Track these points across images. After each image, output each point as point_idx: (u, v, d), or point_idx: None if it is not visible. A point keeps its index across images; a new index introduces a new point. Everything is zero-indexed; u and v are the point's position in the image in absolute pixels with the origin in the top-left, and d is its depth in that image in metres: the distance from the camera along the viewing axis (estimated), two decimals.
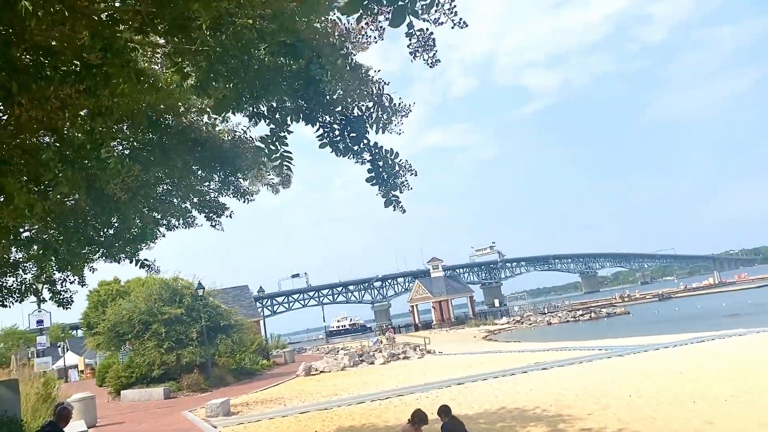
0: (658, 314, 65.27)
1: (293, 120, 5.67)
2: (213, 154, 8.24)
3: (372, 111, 5.93)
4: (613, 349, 23.59)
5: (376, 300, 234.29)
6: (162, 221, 10.48)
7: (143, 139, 7.38)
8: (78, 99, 4.16)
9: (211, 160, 8.41)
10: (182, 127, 7.56)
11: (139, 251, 10.60)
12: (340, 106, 5.75)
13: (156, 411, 23.39)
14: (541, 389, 15.66)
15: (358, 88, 5.50)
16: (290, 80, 5.30)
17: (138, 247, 10.54)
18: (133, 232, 10.37)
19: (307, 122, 5.69)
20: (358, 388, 22.50)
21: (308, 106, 5.54)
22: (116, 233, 9.94)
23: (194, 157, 8.20)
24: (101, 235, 9.51)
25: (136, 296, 35.19)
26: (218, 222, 10.91)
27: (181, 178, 8.61)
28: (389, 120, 5.95)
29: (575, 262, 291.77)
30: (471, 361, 27.96)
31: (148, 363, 30.90)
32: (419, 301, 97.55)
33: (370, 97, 5.88)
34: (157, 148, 7.43)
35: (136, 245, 10.46)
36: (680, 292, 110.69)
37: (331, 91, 5.54)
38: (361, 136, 5.73)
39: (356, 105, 5.82)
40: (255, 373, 37.27)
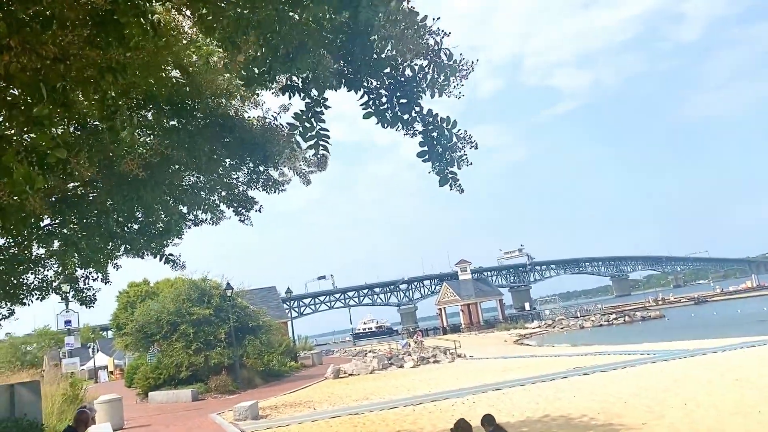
0: (696, 318, 63.44)
1: (334, 86, 4.99)
2: (242, 141, 7.64)
3: (427, 71, 5.14)
4: (656, 354, 22.54)
5: (402, 302, 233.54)
6: (189, 215, 9.94)
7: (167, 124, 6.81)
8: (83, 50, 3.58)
9: (239, 148, 7.80)
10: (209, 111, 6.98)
11: (164, 247, 10.09)
12: (388, 66, 5.00)
13: (184, 413, 22.99)
14: (585, 396, 14.79)
15: (412, 42, 4.75)
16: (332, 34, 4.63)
17: (163, 243, 10.03)
18: (158, 227, 9.85)
19: (350, 88, 5.00)
20: (389, 392, 21.82)
21: (352, 68, 4.87)
22: (140, 228, 9.42)
23: (222, 144, 7.62)
24: (125, 230, 9.00)
25: (164, 297, 35.02)
26: (247, 216, 10.34)
27: (208, 168, 8.01)
28: (447, 81, 5.21)
29: (606, 265, 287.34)
30: (505, 365, 27.09)
31: (176, 364, 30.60)
32: (447, 304, 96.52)
33: (425, 54, 5.03)
34: (182, 134, 6.87)
35: (162, 241, 9.95)
36: (716, 295, 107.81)
37: (379, 47, 4.82)
38: (413, 103, 5.00)
39: (408, 64, 5.07)
40: (283, 375, 36.82)
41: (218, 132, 7.34)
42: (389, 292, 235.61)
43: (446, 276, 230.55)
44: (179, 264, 9.89)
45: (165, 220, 9.88)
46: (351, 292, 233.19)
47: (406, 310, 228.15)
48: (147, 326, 31.94)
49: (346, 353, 61.73)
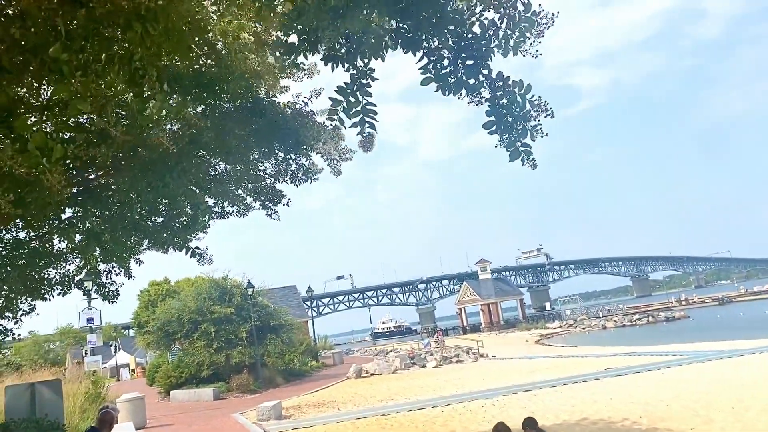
0: (722, 319, 62.09)
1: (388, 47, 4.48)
2: (273, 126, 7.22)
3: (498, 26, 4.43)
4: (690, 355, 21.80)
5: (421, 302, 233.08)
6: (215, 207, 9.55)
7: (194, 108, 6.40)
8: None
9: (270, 133, 7.37)
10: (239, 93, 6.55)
11: (189, 241, 9.72)
12: (453, 22, 4.46)
13: (206, 413, 22.72)
14: (622, 398, 14.20)
15: None
16: None
17: (188, 237, 9.65)
18: (183, 220, 9.48)
19: (408, 49, 4.45)
20: (414, 392, 21.35)
21: (410, 24, 4.34)
22: (165, 221, 9.05)
23: (252, 130, 7.20)
24: (148, 223, 8.63)
25: (185, 295, 34.86)
26: (274, 211, 9.93)
27: (236, 156, 7.58)
28: (522, 37, 4.51)
29: (626, 265, 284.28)
30: (531, 366, 26.48)
31: (198, 363, 30.40)
32: (467, 304, 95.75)
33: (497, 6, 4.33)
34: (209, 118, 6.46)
35: (186, 234, 9.57)
36: (741, 295, 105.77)
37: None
38: (480, 65, 4.38)
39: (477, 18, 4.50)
40: (304, 375, 36.52)
41: (248, 117, 6.92)
42: (408, 292, 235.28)
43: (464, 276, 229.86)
44: (206, 258, 9.52)
45: (190, 213, 9.51)
46: (369, 292, 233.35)
47: (424, 310, 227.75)
48: (168, 324, 31.77)
49: (366, 353, 61.36)
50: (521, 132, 4.25)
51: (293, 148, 7.76)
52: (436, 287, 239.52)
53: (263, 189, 9.45)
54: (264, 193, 9.49)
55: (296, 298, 60.31)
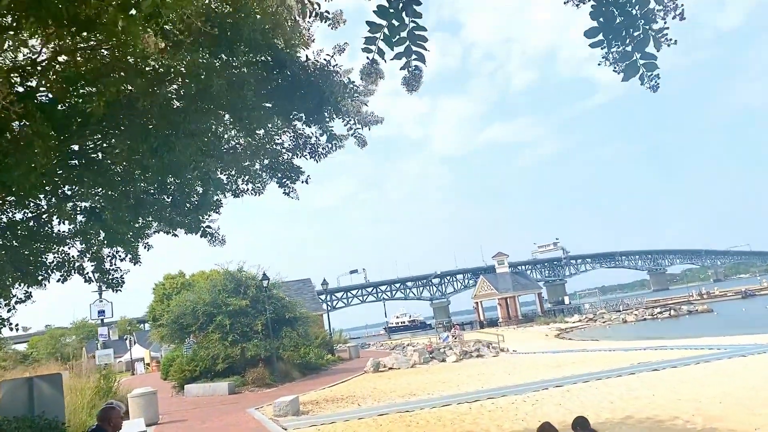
0: (748, 312, 60.51)
1: None
2: (293, 83, 6.30)
3: None
4: (728, 349, 20.70)
5: (435, 297, 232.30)
6: (228, 185, 8.66)
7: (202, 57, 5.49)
8: None
9: (289, 91, 6.44)
10: (255, 44, 5.64)
11: (200, 222, 8.87)
12: None
13: (220, 407, 21.99)
14: (665, 394, 13.20)
15: None
16: None
17: (200, 218, 8.80)
18: (193, 200, 8.63)
19: None
20: (436, 387, 20.45)
21: None
22: (173, 200, 8.19)
23: (269, 87, 6.29)
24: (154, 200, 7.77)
25: (200, 287, 34.21)
26: (292, 189, 9.03)
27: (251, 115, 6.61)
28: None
29: (643, 258, 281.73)
30: (557, 360, 25.48)
31: (212, 356, 29.71)
32: (484, 298, 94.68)
33: None
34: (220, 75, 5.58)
35: (198, 215, 8.72)
36: (764, 289, 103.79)
37: None
38: None
39: None
40: (320, 368, 35.79)
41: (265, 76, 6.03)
42: (422, 287, 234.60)
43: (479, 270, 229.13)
44: (218, 238, 8.65)
45: (200, 191, 8.65)
46: (383, 286, 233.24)
47: (438, 305, 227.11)
48: (183, 317, 31.11)
49: (382, 347, 60.49)
50: (641, 40, 3.22)
51: (315, 110, 6.80)
52: (451, 282, 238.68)
53: (280, 164, 8.57)
54: (281, 168, 8.61)
55: (311, 291, 59.74)
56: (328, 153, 8.39)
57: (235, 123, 6.84)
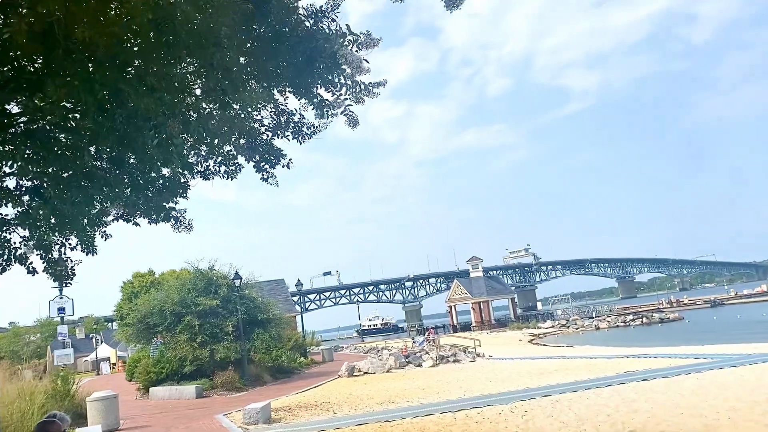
0: (719, 321, 60.81)
1: None
2: (279, 33, 5.25)
3: None
4: (718, 358, 20.08)
5: (407, 300, 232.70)
6: (197, 166, 7.56)
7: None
8: None
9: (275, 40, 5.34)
10: None
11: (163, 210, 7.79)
12: None
13: (187, 413, 20.76)
14: (665, 407, 12.38)
15: None
16: None
17: (163, 204, 7.72)
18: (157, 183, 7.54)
19: None
20: (415, 394, 19.50)
21: None
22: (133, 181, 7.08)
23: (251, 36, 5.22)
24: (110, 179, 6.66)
25: (168, 286, 32.80)
26: (271, 174, 7.99)
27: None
28: None
29: (612, 266, 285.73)
30: (538, 367, 24.72)
31: (180, 358, 28.40)
32: (458, 302, 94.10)
33: None
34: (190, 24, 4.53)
35: (162, 200, 7.63)
36: (731, 298, 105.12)
37: None
38: None
39: None
40: (293, 372, 34.65)
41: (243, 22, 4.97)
42: (394, 290, 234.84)
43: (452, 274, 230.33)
44: (184, 223, 7.59)
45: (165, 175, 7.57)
46: (356, 289, 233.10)
47: (411, 308, 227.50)
48: (149, 317, 29.71)
49: (356, 350, 59.46)
50: None
51: (303, 67, 5.71)
52: (423, 285, 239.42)
53: (258, 145, 7.51)
54: (259, 150, 7.56)
55: (284, 292, 58.44)
56: (314, 133, 7.37)
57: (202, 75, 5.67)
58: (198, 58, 4.75)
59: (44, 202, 6.91)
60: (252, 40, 5.24)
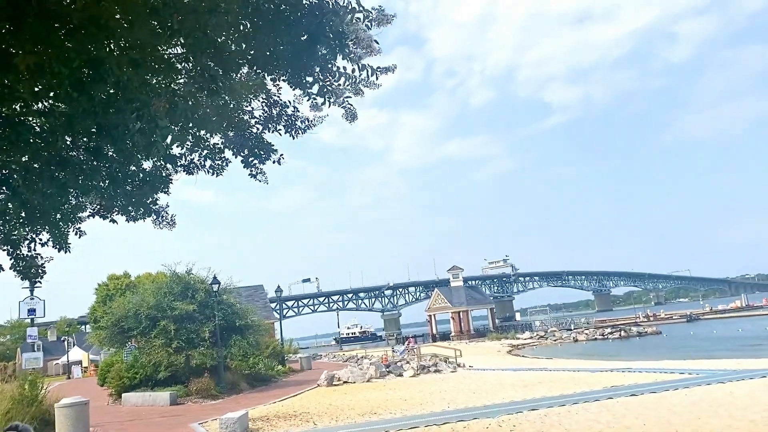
0: (696, 336, 61.11)
1: None
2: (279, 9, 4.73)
3: None
4: (702, 374, 19.88)
5: (387, 309, 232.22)
6: (180, 159, 7.03)
7: None
8: None
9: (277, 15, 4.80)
10: None
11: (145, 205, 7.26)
12: None
13: (160, 421, 20.05)
14: (659, 424, 12.03)
15: None
16: None
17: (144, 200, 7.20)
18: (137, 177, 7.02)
19: None
20: (398, 406, 18.99)
21: None
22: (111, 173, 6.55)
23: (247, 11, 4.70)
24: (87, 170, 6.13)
25: (144, 289, 31.99)
26: (260, 170, 7.50)
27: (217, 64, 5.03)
28: None
29: (589, 279, 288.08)
30: (522, 379, 24.35)
31: (154, 363, 27.61)
32: (437, 311, 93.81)
33: None
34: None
35: (142, 196, 7.11)
36: (707, 313, 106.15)
37: None
38: None
39: None
40: (270, 380, 33.90)
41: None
42: (374, 298, 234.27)
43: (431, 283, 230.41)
44: (166, 219, 7.08)
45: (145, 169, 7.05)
46: (335, 296, 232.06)
47: (389, 316, 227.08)
48: (124, 320, 28.90)
49: (335, 358, 58.74)
50: None
51: (304, 49, 5.18)
52: (403, 294, 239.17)
53: (248, 138, 7.02)
54: (248, 144, 7.07)
55: (263, 298, 57.70)
56: (308, 127, 6.90)
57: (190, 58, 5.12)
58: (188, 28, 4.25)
59: (12, 194, 6.36)
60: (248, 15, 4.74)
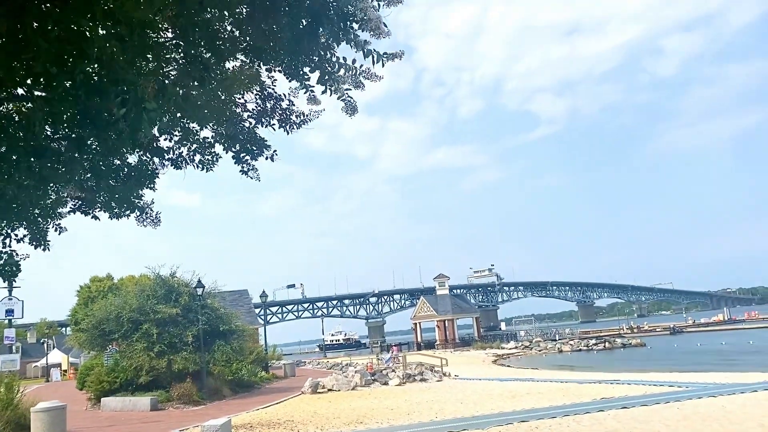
0: (682, 349, 61.20)
1: None
2: None
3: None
4: (693, 387, 19.67)
5: (371, 316, 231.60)
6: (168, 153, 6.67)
7: None
8: None
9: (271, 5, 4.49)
10: None
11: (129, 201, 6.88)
12: None
13: (140, 426, 19.52)
14: None
15: None
16: None
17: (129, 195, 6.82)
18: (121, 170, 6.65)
19: None
20: (384, 415, 18.60)
21: None
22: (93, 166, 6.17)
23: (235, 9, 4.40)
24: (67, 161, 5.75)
25: (127, 292, 31.37)
26: (252, 166, 7.15)
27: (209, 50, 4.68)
28: None
29: (573, 290, 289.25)
30: (509, 389, 24.04)
31: (136, 367, 26.99)
32: (423, 319, 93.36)
33: None
34: None
35: (126, 191, 6.73)
36: (690, 326, 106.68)
37: None
38: None
39: None
40: (253, 386, 33.40)
41: None
42: (358, 305, 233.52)
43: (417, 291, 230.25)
44: (150, 215, 6.70)
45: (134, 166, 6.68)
46: (320, 303, 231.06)
47: (374, 324, 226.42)
48: (105, 323, 28.26)
49: (319, 365, 58.11)
50: None
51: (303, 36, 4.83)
52: (387, 301, 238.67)
53: (240, 133, 6.67)
54: (240, 138, 6.72)
55: (247, 303, 56.99)
56: (303, 122, 6.57)
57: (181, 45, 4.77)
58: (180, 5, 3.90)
59: None
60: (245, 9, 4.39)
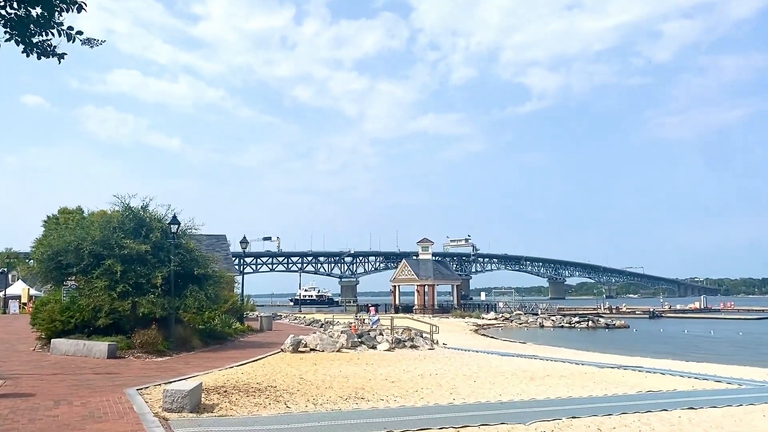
0: (667, 334, 59.36)
1: None
2: None
3: None
4: (752, 385, 16.84)
5: (345, 275, 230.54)
6: None
7: None
8: None
9: None
10: None
11: None
12: None
13: (90, 379, 16.19)
14: None
15: None
16: None
17: None
18: None
19: None
20: (386, 390, 15.45)
21: None
22: None
23: None
24: None
25: (91, 222, 27.65)
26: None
27: None
28: None
29: (546, 266, 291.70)
30: (522, 369, 21.16)
31: (94, 308, 23.58)
32: (403, 282, 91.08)
33: None
34: None
35: None
36: (667, 311, 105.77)
37: None
38: None
39: None
40: (226, 338, 30.28)
41: None
42: (333, 263, 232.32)
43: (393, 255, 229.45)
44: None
45: None
46: (295, 258, 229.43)
47: (347, 283, 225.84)
48: (63, 254, 24.67)
49: (297, 320, 55.25)
50: None
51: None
52: (363, 262, 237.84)
53: None
54: None
55: (225, 249, 53.62)
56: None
57: None
58: None
59: None
60: None
